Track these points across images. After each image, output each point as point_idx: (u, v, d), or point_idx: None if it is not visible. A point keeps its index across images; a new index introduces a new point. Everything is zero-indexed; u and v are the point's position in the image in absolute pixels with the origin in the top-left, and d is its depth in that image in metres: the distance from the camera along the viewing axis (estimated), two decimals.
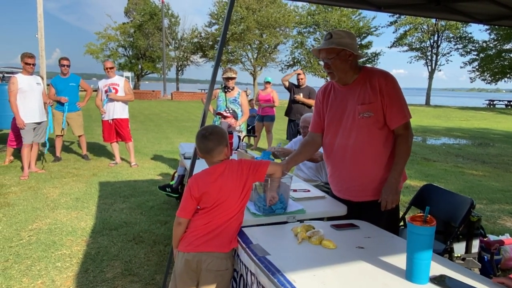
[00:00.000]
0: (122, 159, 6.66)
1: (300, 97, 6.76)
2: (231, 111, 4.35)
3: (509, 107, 32.84)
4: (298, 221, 2.02)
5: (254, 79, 35.35)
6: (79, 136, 6.75)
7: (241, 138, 4.33)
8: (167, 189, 4.28)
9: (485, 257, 2.85)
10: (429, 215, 1.30)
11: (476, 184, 5.91)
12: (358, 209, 2.19)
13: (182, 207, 1.82)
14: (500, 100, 35.69)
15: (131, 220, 3.85)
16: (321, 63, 2.41)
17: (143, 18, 36.09)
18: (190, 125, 13.13)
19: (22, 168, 5.58)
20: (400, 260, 1.49)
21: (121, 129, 6.30)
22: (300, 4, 34.40)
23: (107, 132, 6.33)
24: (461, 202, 2.41)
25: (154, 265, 2.93)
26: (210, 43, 35.67)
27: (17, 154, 6.26)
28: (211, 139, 1.84)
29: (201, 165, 2.02)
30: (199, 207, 1.82)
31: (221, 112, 4.34)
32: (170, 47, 37.78)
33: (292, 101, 6.88)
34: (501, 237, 2.96)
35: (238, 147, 3.88)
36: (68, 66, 6.30)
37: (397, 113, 2.08)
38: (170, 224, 3.77)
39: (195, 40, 37.22)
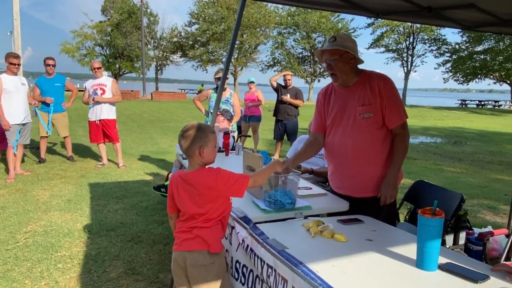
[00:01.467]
0: (109, 160, 6.60)
1: (287, 97, 6.89)
2: (224, 111, 4.42)
3: (480, 106, 34.28)
4: (305, 217, 2.12)
5: (235, 79, 35.41)
6: (65, 137, 6.64)
7: (235, 138, 4.41)
8: (161, 189, 4.30)
9: (471, 247, 3.05)
10: (437, 208, 1.43)
11: (455, 180, 6.21)
12: (356, 204, 2.31)
13: (167, 203, 1.90)
14: (471, 100, 37.17)
15: (128, 221, 3.86)
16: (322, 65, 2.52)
17: (121, 17, 35.48)
18: (173, 125, 13.06)
19: (7, 170, 5.46)
20: (406, 250, 1.61)
21: (109, 129, 6.24)
22: (280, 5, 34.65)
23: (93, 133, 6.27)
24: (452, 197, 2.58)
25: (156, 263, 2.98)
26: (191, 42, 35.45)
27: (1, 156, 6.10)
28: (185, 136, 1.75)
29: None
30: None
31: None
32: (149, 46, 37.32)
33: (279, 102, 7.01)
34: (487, 229, 3.15)
35: (233, 148, 3.96)
36: (54, 66, 6.19)
37: (395, 114, 2.22)
38: (167, 224, 3.80)
39: (175, 39, 36.89)
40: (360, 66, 2.29)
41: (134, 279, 2.74)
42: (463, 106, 35.12)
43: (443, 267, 1.44)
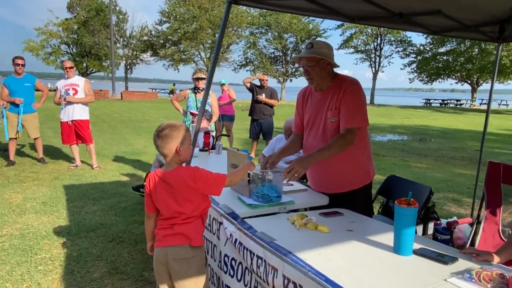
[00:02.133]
0: (82, 161, 6.47)
1: (262, 97, 7.01)
2: (206, 112, 4.47)
3: (443, 105, 35.92)
4: (288, 211, 2.23)
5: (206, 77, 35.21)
6: (35, 139, 6.44)
7: (215, 138, 4.47)
8: (140, 189, 4.28)
9: (439, 237, 3.28)
10: (412, 199, 1.58)
11: (422, 175, 6.56)
12: (333, 199, 2.45)
13: (145, 203, 1.94)
14: (435, 99, 38.89)
15: (107, 222, 3.84)
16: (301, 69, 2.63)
17: (88, 14, 34.40)
18: (146, 125, 12.88)
19: None
20: (383, 238, 1.76)
21: (82, 130, 6.12)
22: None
23: (66, 134, 6.13)
24: (422, 190, 2.77)
25: (140, 262, 3.00)
26: (162, 41, 34.92)
27: None
28: (161, 136, 1.78)
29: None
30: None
31: (193, 111, 4.45)
32: (118, 45, 36.42)
33: (255, 101, 7.11)
34: (453, 219, 3.39)
35: (213, 147, 4.02)
36: (23, 65, 6.00)
37: (345, 117, 2.28)
38: None
39: (145, 38, 36.22)
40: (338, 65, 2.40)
41: (118, 278, 2.75)
42: (428, 105, 36.69)
43: (417, 252, 1.59)
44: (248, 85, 7.12)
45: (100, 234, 3.53)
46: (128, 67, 38.08)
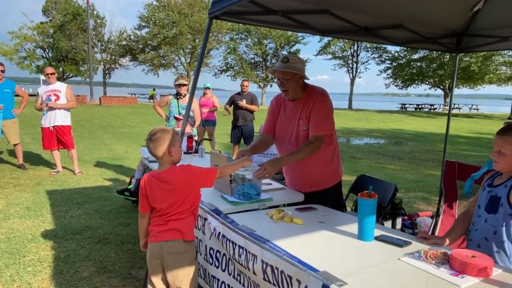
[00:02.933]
0: (63, 167, 6.49)
1: (243, 103, 7.23)
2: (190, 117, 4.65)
3: (418, 110, 37.15)
4: (267, 208, 2.44)
5: (188, 83, 35.16)
6: (15, 145, 6.43)
7: (198, 142, 4.64)
8: (125, 193, 4.42)
9: (406, 231, 3.56)
10: (372, 192, 1.82)
11: (395, 176, 6.92)
12: (306, 197, 2.68)
13: (140, 203, 2.09)
14: (410, 104, 40.18)
15: (93, 225, 3.94)
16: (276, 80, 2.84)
17: (65, 18, 33.81)
18: (127, 131, 12.86)
19: None
20: (350, 228, 1.99)
21: (64, 136, 6.17)
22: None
23: (47, 140, 6.15)
24: (388, 187, 3.04)
25: (127, 261, 3.14)
26: (141, 46, 34.69)
27: None
28: (153, 139, 1.96)
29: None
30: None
31: (177, 116, 4.61)
32: (96, 49, 35.92)
33: (236, 107, 7.33)
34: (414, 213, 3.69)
35: (196, 151, 4.20)
36: (3, 71, 5.99)
37: (314, 126, 2.52)
38: (133, 225, 3.95)
39: (124, 42, 35.88)
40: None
41: (107, 276, 2.89)
42: (403, 109, 37.86)
43: (378, 238, 1.83)
44: (228, 106, 7.45)
45: (86, 236, 3.64)
46: (107, 72, 37.59)
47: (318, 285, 1.40)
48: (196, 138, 4.83)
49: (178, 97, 5.32)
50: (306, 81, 2.63)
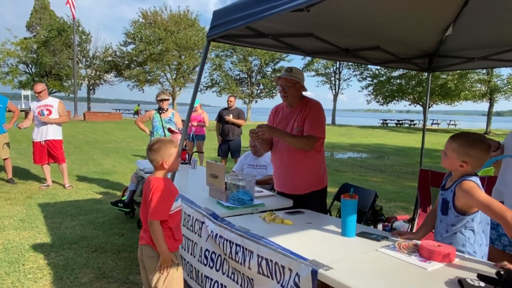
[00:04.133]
0: (52, 181, 6.55)
1: (230, 117, 7.49)
2: (178, 129, 4.87)
3: (399, 125, 38.22)
4: (260, 212, 2.67)
5: (173, 99, 35.35)
6: (5, 159, 6.47)
7: (190, 154, 4.84)
8: (119, 204, 4.56)
9: None
10: (353, 193, 2.08)
11: (377, 188, 7.23)
12: (294, 200, 2.92)
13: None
14: (391, 120, 41.31)
15: (88, 235, 4.06)
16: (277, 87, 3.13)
17: (49, 34, 33.73)
18: (113, 146, 12.90)
19: None
20: (335, 227, 2.24)
21: (55, 150, 6.26)
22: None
23: (38, 154, 6.23)
24: (368, 194, 3.31)
25: (124, 268, 3.28)
26: (126, 62, 34.81)
27: None
28: (152, 149, 2.14)
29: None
30: None
31: (172, 129, 4.85)
32: (80, 65, 35.84)
33: (224, 122, 7.58)
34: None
35: (188, 162, 4.40)
36: None
37: (309, 127, 2.80)
38: (128, 235, 4.09)
39: (109, 58, 35.95)
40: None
41: (106, 282, 3.03)
42: (385, 125, 38.89)
43: (359, 234, 2.08)
44: (216, 124, 7.72)
45: (83, 245, 3.76)
46: (91, 87, 37.44)
47: (308, 271, 1.63)
48: (187, 149, 5.03)
49: (160, 111, 5.57)
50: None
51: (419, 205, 3.14)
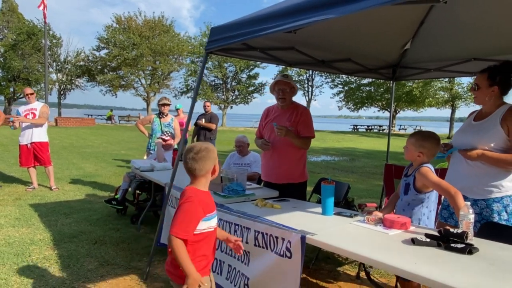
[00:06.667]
0: (38, 184, 6.68)
1: (201, 122, 7.93)
2: (170, 134, 5.25)
3: (369, 130, 39.71)
4: (251, 200, 3.10)
5: (148, 104, 35.15)
6: None
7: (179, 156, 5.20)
8: (112, 202, 4.84)
9: None
10: (331, 180, 2.55)
11: None
12: (279, 190, 3.38)
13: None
14: (361, 125, 42.86)
15: (85, 230, 4.33)
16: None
17: (18, 38, 32.77)
18: (91, 151, 12.92)
19: None
20: (316, 210, 2.70)
21: (41, 153, 6.41)
22: (192, 35, 36.02)
23: (24, 157, 6.36)
24: (342, 186, 3.82)
25: (125, 257, 3.60)
26: (100, 67, 34.34)
27: None
28: (197, 158, 1.87)
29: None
30: None
31: (163, 137, 5.22)
32: (51, 69, 34.98)
33: (197, 126, 8.04)
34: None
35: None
36: None
37: (305, 129, 3.37)
38: (124, 230, 4.40)
39: (81, 63, 35.33)
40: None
41: (111, 268, 3.35)
42: (355, 130, 40.29)
43: (336, 213, 2.55)
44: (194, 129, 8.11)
45: (82, 239, 4.04)
46: (62, 92, 36.58)
47: (297, 237, 2.08)
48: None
49: (160, 116, 5.89)
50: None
51: (385, 194, 3.66)
